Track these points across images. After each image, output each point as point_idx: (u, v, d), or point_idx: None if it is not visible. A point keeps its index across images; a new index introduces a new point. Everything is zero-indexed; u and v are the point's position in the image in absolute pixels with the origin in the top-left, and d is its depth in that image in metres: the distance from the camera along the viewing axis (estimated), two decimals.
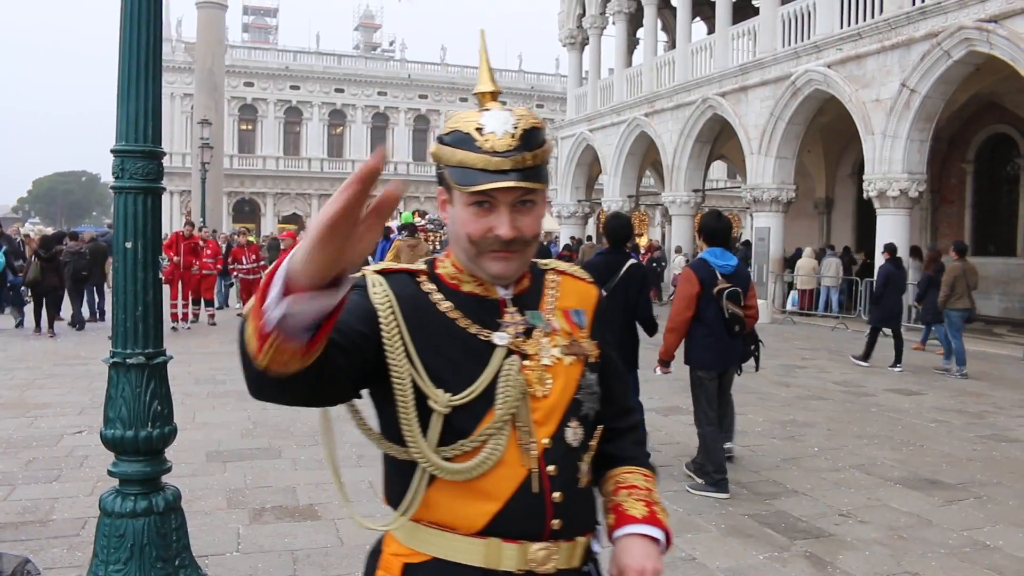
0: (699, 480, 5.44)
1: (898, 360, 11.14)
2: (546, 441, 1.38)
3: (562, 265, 1.60)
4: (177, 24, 44.21)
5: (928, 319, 12.25)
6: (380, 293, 1.36)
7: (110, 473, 3.23)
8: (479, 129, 1.34)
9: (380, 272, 1.41)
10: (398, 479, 1.41)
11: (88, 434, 6.41)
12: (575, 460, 1.43)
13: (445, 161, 1.37)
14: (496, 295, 1.44)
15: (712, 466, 5.37)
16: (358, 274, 1.38)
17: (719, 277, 5.46)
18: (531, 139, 1.35)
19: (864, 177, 15.57)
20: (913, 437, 7.16)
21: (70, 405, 7.67)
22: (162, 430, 3.23)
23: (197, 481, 5.32)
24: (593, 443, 1.49)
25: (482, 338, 1.39)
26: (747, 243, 20.98)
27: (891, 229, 15.05)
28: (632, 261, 5.72)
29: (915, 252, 15.30)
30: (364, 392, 1.40)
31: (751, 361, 6.31)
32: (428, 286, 1.43)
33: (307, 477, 5.50)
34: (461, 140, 1.34)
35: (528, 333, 1.43)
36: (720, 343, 5.48)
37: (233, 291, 18.61)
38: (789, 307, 18.83)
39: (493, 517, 1.35)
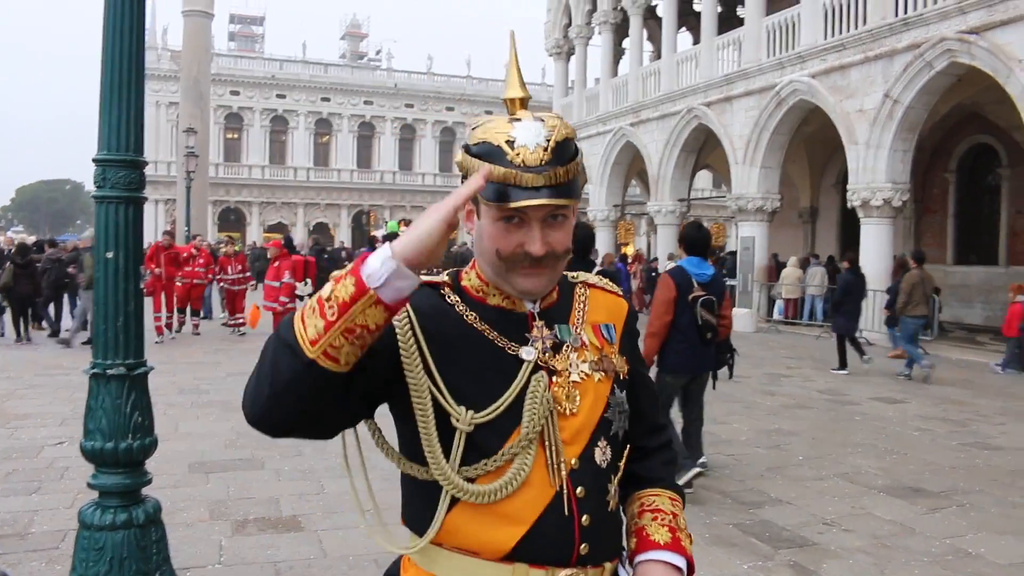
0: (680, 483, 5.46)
1: (861, 353, 11.72)
2: (574, 462, 1.33)
3: (592, 278, 1.55)
4: (163, 32, 44.10)
5: (892, 324, 12.64)
6: None
7: (90, 485, 3.19)
8: (510, 142, 1.27)
9: None
10: (419, 501, 1.36)
11: (69, 445, 6.33)
12: (604, 482, 1.38)
13: (473, 173, 1.31)
14: (524, 309, 1.39)
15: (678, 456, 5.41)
16: None
17: (695, 285, 5.55)
18: (564, 152, 1.29)
19: (848, 187, 15.69)
20: (897, 445, 7.20)
21: (51, 416, 7.58)
22: (143, 442, 3.19)
23: (179, 492, 5.27)
24: (622, 464, 1.45)
25: (509, 352, 1.35)
26: (732, 254, 21.06)
27: (875, 238, 15.21)
28: (598, 269, 5.78)
29: None
30: (381, 407, 1.36)
31: (725, 369, 6.38)
32: (453, 298, 1.39)
33: (290, 488, 5.46)
34: (490, 152, 1.28)
35: (556, 348, 1.38)
36: (692, 349, 5.59)
37: (217, 302, 18.45)
38: (775, 316, 18.91)
39: (519, 541, 1.29)
